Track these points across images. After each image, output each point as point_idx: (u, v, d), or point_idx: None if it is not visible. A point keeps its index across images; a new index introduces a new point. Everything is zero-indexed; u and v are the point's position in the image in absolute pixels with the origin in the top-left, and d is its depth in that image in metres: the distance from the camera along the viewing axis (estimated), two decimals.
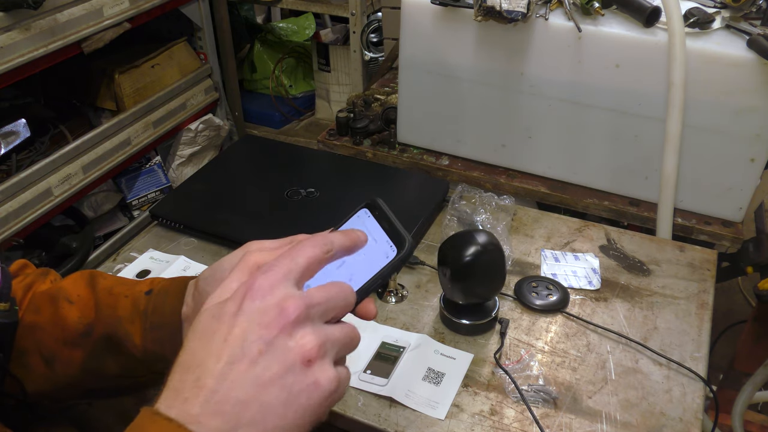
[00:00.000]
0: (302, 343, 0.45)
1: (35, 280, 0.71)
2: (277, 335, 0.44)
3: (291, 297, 0.45)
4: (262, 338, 0.44)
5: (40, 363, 0.66)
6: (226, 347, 0.44)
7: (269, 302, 0.45)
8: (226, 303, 0.46)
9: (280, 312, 0.44)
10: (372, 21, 2.14)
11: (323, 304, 0.47)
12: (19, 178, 1.63)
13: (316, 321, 0.46)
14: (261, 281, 0.46)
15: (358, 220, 0.56)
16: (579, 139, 1.36)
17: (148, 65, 2.04)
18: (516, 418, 0.84)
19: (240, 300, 0.45)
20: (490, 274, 0.92)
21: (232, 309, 0.45)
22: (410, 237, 0.53)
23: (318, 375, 0.45)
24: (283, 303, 0.45)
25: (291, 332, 0.45)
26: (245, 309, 0.45)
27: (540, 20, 1.27)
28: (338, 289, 0.49)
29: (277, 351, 0.44)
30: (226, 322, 0.45)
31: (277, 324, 0.44)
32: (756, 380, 1.33)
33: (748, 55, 1.15)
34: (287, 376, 0.44)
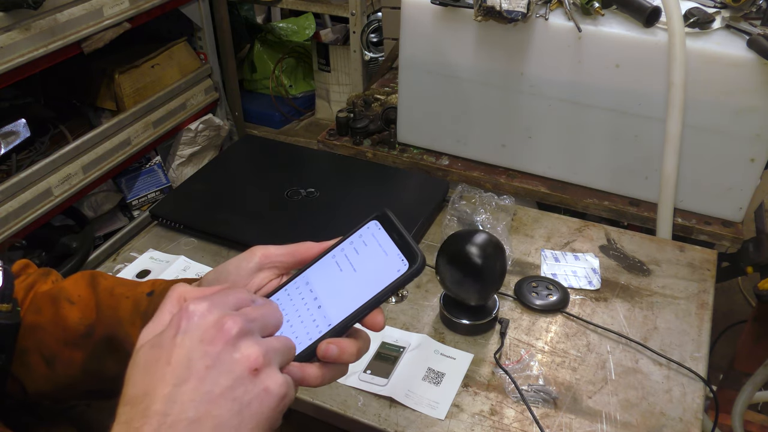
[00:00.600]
0: (247, 353, 0.45)
1: (37, 280, 0.71)
2: (222, 349, 0.44)
3: (228, 314, 0.46)
4: (208, 354, 0.44)
5: (40, 363, 0.66)
6: (171, 370, 0.44)
7: (209, 320, 0.45)
8: (164, 331, 0.46)
9: (220, 327, 0.45)
10: (372, 21, 2.14)
11: (260, 320, 0.48)
12: (19, 178, 1.63)
13: (255, 334, 0.47)
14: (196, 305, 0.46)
15: (368, 231, 0.56)
16: (579, 139, 1.36)
17: (148, 65, 2.04)
18: (516, 418, 0.84)
19: (177, 324, 0.45)
20: (491, 274, 0.92)
21: (170, 333, 0.45)
22: (421, 251, 0.53)
23: (267, 382, 0.45)
24: (223, 319, 0.45)
25: (234, 344, 0.45)
26: (185, 329, 0.45)
27: (540, 20, 1.27)
28: (270, 308, 0.50)
29: (224, 364, 0.44)
30: (167, 346, 0.45)
31: (220, 338, 0.44)
32: (756, 380, 1.33)
33: (748, 55, 1.15)
34: (237, 387, 0.44)
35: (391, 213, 0.56)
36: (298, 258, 0.59)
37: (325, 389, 0.88)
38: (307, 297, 0.55)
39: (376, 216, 0.56)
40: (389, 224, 0.55)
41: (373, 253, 0.54)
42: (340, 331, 0.52)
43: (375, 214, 0.56)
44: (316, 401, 0.87)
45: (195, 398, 0.43)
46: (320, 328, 0.52)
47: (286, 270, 0.60)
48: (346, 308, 0.53)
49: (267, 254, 0.59)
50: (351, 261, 0.55)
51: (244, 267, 0.59)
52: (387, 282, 0.53)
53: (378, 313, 0.54)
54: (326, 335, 0.52)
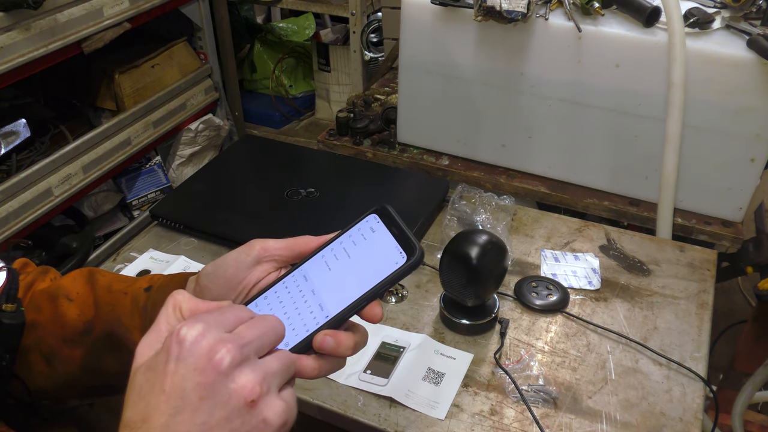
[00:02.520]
0: (242, 384, 0.44)
1: (36, 278, 0.71)
2: (215, 380, 0.43)
3: (222, 340, 0.44)
4: (201, 385, 0.43)
5: (40, 361, 0.66)
6: (167, 398, 0.43)
7: (202, 347, 0.44)
8: (159, 354, 0.45)
9: (212, 357, 0.43)
10: (372, 21, 2.14)
11: (255, 342, 0.46)
12: (19, 178, 1.63)
13: (251, 358, 0.46)
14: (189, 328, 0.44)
15: (367, 225, 0.56)
16: (579, 139, 1.36)
17: (148, 65, 2.04)
18: (516, 418, 0.84)
19: (169, 348, 0.44)
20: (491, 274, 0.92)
21: (163, 359, 0.44)
22: (420, 244, 0.53)
23: (265, 413, 0.44)
24: (216, 347, 0.44)
25: (229, 374, 0.44)
26: (177, 356, 0.44)
27: (540, 20, 1.27)
28: (268, 323, 0.48)
29: (218, 396, 0.43)
30: (161, 372, 0.44)
31: (212, 369, 0.43)
32: (756, 380, 1.33)
33: (748, 55, 1.15)
34: (234, 419, 0.43)
35: (390, 207, 0.56)
36: (296, 251, 0.59)
37: (325, 389, 0.88)
38: (304, 289, 0.55)
39: (375, 210, 0.56)
40: (388, 218, 0.55)
41: (371, 246, 0.55)
42: (337, 323, 0.52)
43: (374, 208, 0.56)
44: (317, 401, 0.87)
45: (191, 430, 0.42)
46: (317, 320, 0.52)
47: (285, 263, 0.60)
48: (343, 300, 0.53)
49: (266, 247, 0.59)
50: (349, 254, 0.55)
51: (243, 260, 0.59)
52: (385, 274, 0.53)
53: (376, 305, 0.53)
54: (323, 327, 0.52)
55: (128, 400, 0.45)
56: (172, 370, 0.43)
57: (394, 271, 0.52)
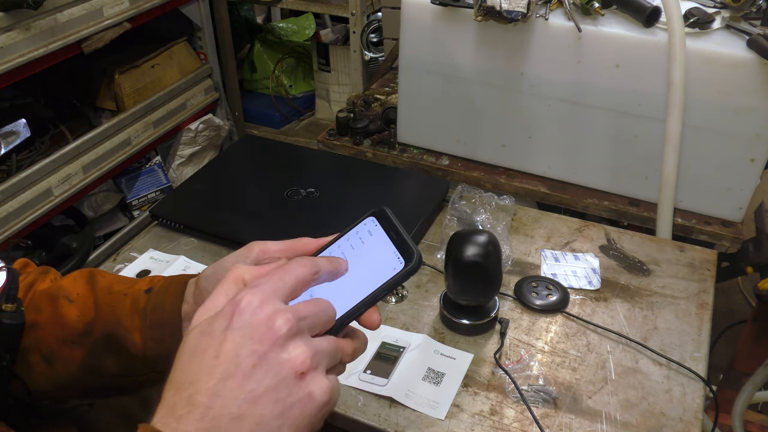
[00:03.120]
0: (295, 355, 0.45)
1: (36, 278, 0.71)
2: (269, 349, 0.44)
3: (280, 311, 0.45)
4: (255, 353, 0.44)
5: (40, 362, 0.66)
6: (219, 363, 0.44)
7: (260, 317, 0.45)
8: (216, 319, 0.46)
9: (271, 326, 0.44)
10: (372, 21, 2.14)
11: (310, 318, 0.47)
12: (19, 178, 1.63)
13: (305, 334, 0.47)
14: (250, 297, 0.46)
15: (364, 228, 0.55)
16: (579, 139, 1.36)
17: (148, 65, 2.04)
18: (516, 418, 0.84)
19: (230, 316, 0.45)
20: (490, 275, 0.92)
21: (222, 325, 0.45)
22: (418, 249, 0.53)
23: (311, 387, 0.45)
24: (274, 317, 0.45)
25: (283, 345, 0.45)
26: (235, 324, 0.45)
27: (540, 20, 1.27)
28: (322, 305, 0.49)
29: (270, 365, 0.44)
30: (217, 338, 0.44)
31: (269, 338, 0.44)
32: (756, 380, 1.33)
33: (748, 55, 1.15)
34: (281, 389, 0.44)
35: (388, 210, 0.55)
36: (295, 254, 0.59)
37: None
38: (303, 295, 0.55)
39: (374, 212, 0.56)
40: (386, 221, 0.55)
41: (369, 251, 0.54)
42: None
43: (372, 211, 0.56)
44: None
45: (238, 395, 0.43)
46: None
47: None
48: (341, 306, 0.52)
49: (264, 250, 0.59)
50: (347, 258, 0.55)
51: (242, 263, 0.59)
52: (383, 280, 0.52)
53: (374, 311, 0.54)
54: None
55: (178, 361, 0.46)
56: (229, 337, 0.44)
57: (392, 277, 0.52)
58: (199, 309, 0.48)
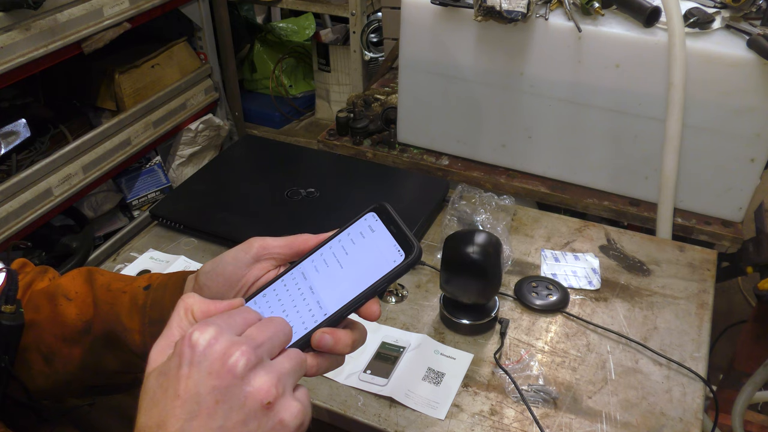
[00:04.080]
0: (258, 386, 0.44)
1: (34, 278, 0.71)
2: (230, 383, 0.43)
3: (235, 344, 0.44)
4: (216, 388, 0.43)
5: (39, 361, 0.66)
6: (181, 404, 0.43)
7: (216, 351, 0.44)
8: (171, 359, 0.45)
9: (226, 361, 0.43)
10: (372, 21, 2.14)
11: (267, 343, 0.46)
12: (19, 178, 1.63)
13: (264, 360, 0.45)
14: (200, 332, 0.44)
15: (365, 223, 0.56)
16: (579, 139, 1.36)
17: (148, 65, 2.04)
18: (516, 418, 0.84)
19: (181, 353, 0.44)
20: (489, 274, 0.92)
21: (176, 363, 0.44)
22: (418, 242, 0.53)
23: (281, 414, 0.44)
24: (230, 350, 0.44)
25: (244, 378, 0.44)
26: (191, 361, 0.43)
27: (540, 20, 1.27)
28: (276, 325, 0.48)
29: (234, 399, 0.43)
30: (174, 377, 0.43)
31: (227, 372, 0.43)
32: (756, 380, 1.33)
33: (748, 55, 1.15)
34: (250, 422, 0.43)
35: (388, 205, 0.56)
36: (295, 249, 0.59)
37: (325, 389, 0.88)
38: (303, 287, 0.55)
39: (374, 208, 0.56)
40: (387, 216, 0.55)
41: (369, 244, 0.55)
42: (335, 321, 0.52)
43: (372, 206, 0.56)
44: (316, 401, 0.87)
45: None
46: (316, 318, 0.53)
47: (284, 261, 0.60)
48: (341, 298, 0.53)
49: (264, 245, 0.59)
50: (347, 252, 0.55)
51: (242, 258, 0.59)
52: (383, 272, 0.53)
53: (373, 302, 0.54)
54: (321, 324, 0.52)
55: (141, 405, 0.45)
56: (186, 374, 0.43)
57: (392, 269, 0.53)
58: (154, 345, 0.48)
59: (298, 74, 2.79)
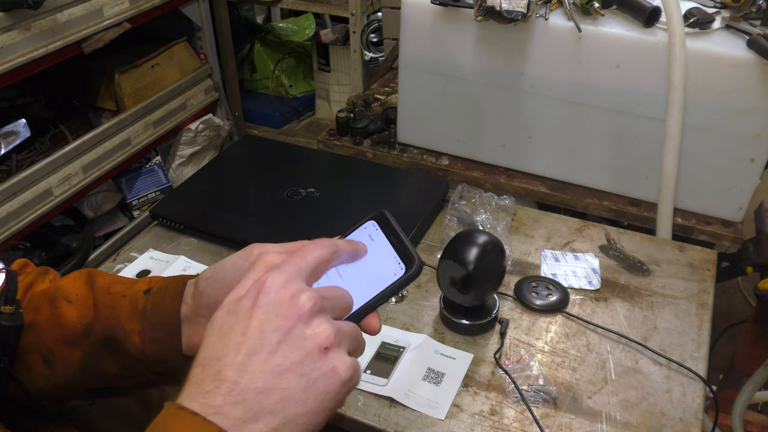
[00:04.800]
0: (319, 331, 0.46)
1: (35, 279, 0.71)
2: (294, 324, 0.46)
3: (304, 290, 0.47)
4: (281, 328, 0.45)
5: (39, 362, 0.66)
6: (245, 340, 0.45)
7: (284, 295, 0.47)
8: (242, 299, 0.48)
9: (295, 303, 0.46)
10: (372, 21, 2.14)
11: (332, 299, 0.49)
12: (19, 178, 1.63)
13: (327, 313, 0.48)
14: (274, 278, 0.48)
15: (365, 232, 0.55)
16: (579, 139, 1.36)
17: (148, 65, 2.04)
18: (516, 418, 0.84)
19: (255, 295, 0.47)
20: (490, 275, 0.92)
21: (247, 304, 0.47)
22: (419, 255, 0.53)
23: (335, 362, 0.47)
24: (298, 294, 0.47)
25: (307, 321, 0.46)
26: (261, 302, 0.47)
27: (540, 20, 1.27)
28: (341, 291, 0.52)
29: (295, 339, 0.46)
30: (243, 316, 0.46)
31: (293, 314, 0.46)
32: (756, 380, 1.33)
33: (748, 55, 1.15)
34: (306, 363, 0.45)
35: (389, 214, 0.55)
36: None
37: None
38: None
39: (374, 216, 0.56)
40: (387, 226, 0.55)
41: (370, 256, 0.54)
42: None
43: (373, 214, 0.56)
44: None
45: (264, 369, 0.45)
46: None
47: None
48: None
49: (264, 252, 0.59)
50: (347, 263, 0.55)
51: (242, 265, 0.59)
52: (383, 286, 0.53)
53: (374, 316, 0.54)
54: None
55: (206, 340, 0.47)
56: (255, 314, 0.46)
57: (392, 283, 0.53)
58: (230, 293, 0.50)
59: (298, 74, 2.79)
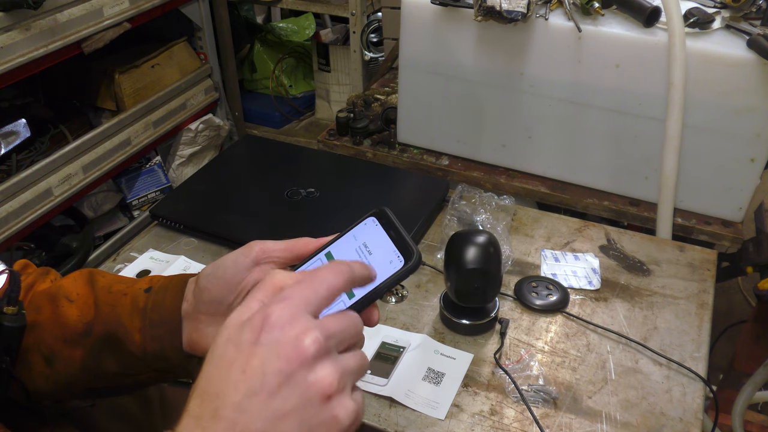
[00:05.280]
0: (322, 376, 0.44)
1: (36, 279, 0.71)
2: (296, 369, 0.44)
3: (310, 329, 0.45)
4: (282, 371, 0.43)
5: (40, 362, 0.66)
6: (245, 378, 0.43)
7: (288, 334, 0.44)
8: (245, 329, 0.45)
9: (298, 345, 0.44)
10: (372, 21, 2.14)
11: (339, 335, 0.47)
12: (19, 178, 1.63)
13: (333, 352, 0.46)
14: (280, 312, 0.45)
15: (365, 228, 0.56)
16: (579, 139, 1.36)
17: (148, 65, 2.04)
18: (516, 418, 0.84)
19: (258, 329, 0.45)
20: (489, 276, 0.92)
21: (250, 338, 0.45)
22: (418, 248, 0.53)
23: (337, 410, 0.45)
24: (302, 336, 0.44)
25: (311, 366, 0.44)
26: (263, 340, 0.44)
27: (540, 20, 1.27)
28: (351, 319, 0.48)
29: (296, 385, 0.44)
30: (244, 351, 0.44)
31: (296, 358, 0.44)
32: (756, 380, 1.33)
33: (748, 55, 1.15)
34: (306, 409, 0.44)
35: (389, 210, 0.56)
36: (295, 253, 0.59)
37: None
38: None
39: (374, 213, 0.56)
40: (387, 221, 0.55)
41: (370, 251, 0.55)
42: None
43: (373, 211, 0.56)
44: None
45: (263, 412, 0.43)
46: None
47: (284, 265, 0.60)
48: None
49: (264, 249, 0.59)
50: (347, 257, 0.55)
51: (242, 262, 0.59)
52: (382, 278, 0.53)
53: (373, 308, 0.54)
54: None
55: (206, 368, 0.45)
56: (256, 351, 0.44)
57: (391, 275, 0.53)
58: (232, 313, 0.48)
59: (298, 74, 2.79)
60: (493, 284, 0.93)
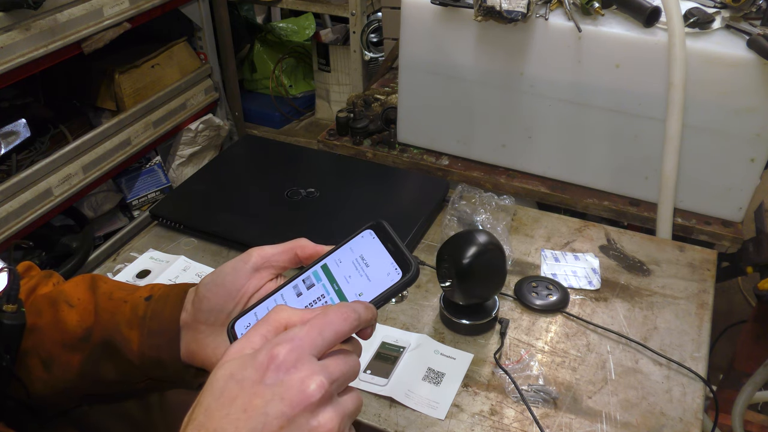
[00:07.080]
0: (323, 422, 0.44)
1: (39, 282, 0.71)
2: (299, 414, 0.43)
3: (315, 374, 0.45)
4: (284, 415, 0.43)
5: (39, 366, 0.66)
6: (246, 418, 0.43)
7: (293, 378, 0.44)
8: (249, 366, 0.45)
9: (303, 390, 0.44)
10: (372, 21, 2.14)
11: (341, 378, 0.47)
12: (19, 178, 1.63)
13: (334, 396, 0.46)
14: (286, 354, 0.45)
15: (362, 241, 0.56)
16: (579, 139, 1.36)
17: (148, 65, 2.04)
18: (516, 418, 0.84)
19: (263, 369, 0.44)
20: (490, 275, 0.92)
21: (254, 376, 0.44)
22: (416, 261, 0.53)
23: None
24: (308, 380, 0.44)
25: (313, 411, 0.44)
26: (268, 380, 0.44)
27: (540, 20, 1.27)
28: (352, 362, 0.49)
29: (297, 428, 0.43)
30: (247, 390, 0.44)
31: (300, 402, 0.43)
32: (756, 380, 1.33)
33: (748, 55, 1.15)
34: None
35: (386, 223, 0.56)
36: (293, 254, 0.60)
37: None
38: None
39: (371, 225, 0.56)
40: (384, 234, 0.56)
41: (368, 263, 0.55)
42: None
43: (370, 224, 0.57)
44: None
45: None
46: None
47: (283, 270, 0.61)
48: None
49: (263, 255, 0.60)
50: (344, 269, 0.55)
51: (241, 268, 0.60)
52: (379, 290, 0.53)
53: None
54: None
55: (204, 400, 0.45)
56: (259, 392, 0.44)
57: (388, 287, 0.53)
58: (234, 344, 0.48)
59: (298, 74, 2.79)
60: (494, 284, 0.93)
